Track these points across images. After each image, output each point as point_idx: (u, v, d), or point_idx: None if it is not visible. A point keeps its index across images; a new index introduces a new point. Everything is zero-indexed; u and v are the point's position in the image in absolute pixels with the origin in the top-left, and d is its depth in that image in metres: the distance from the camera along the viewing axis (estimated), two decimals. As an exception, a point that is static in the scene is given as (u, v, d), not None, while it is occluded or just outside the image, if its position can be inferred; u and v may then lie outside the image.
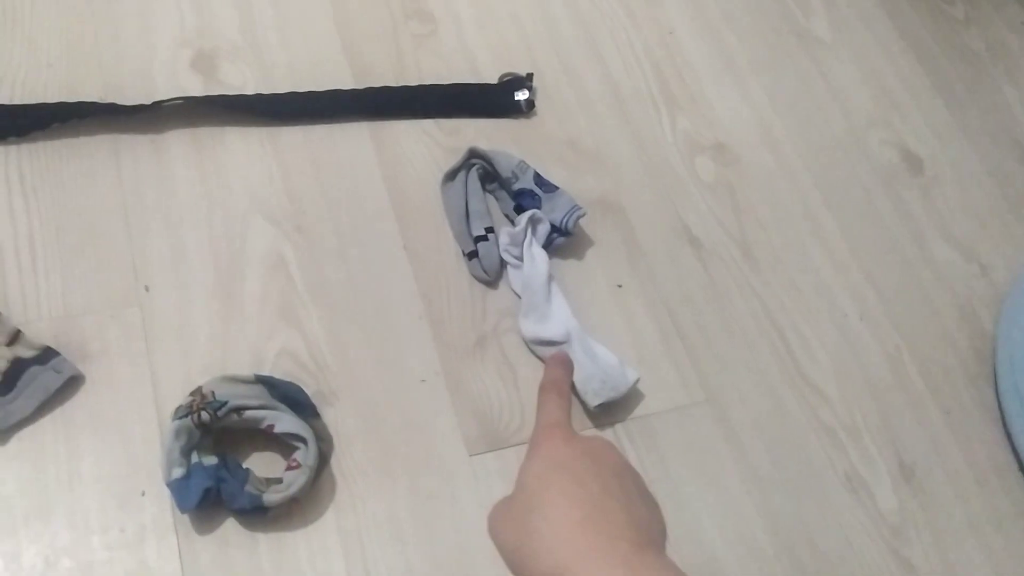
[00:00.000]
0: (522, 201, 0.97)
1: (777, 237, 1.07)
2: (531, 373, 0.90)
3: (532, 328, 0.91)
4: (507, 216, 0.99)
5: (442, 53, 1.10)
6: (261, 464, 0.79)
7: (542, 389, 0.58)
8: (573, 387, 0.87)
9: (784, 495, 0.90)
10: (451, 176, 0.98)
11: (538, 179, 0.98)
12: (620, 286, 0.98)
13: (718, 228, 1.06)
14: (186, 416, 0.74)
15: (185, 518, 0.76)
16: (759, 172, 1.12)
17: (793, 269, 1.05)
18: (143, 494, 0.76)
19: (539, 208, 0.96)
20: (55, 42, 0.98)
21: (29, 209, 0.88)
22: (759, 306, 1.01)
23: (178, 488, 0.73)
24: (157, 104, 0.95)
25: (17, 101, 0.93)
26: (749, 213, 1.08)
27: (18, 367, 0.78)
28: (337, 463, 0.81)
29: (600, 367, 0.88)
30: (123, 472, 0.77)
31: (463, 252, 0.95)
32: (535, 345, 0.91)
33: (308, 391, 0.81)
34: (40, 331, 0.81)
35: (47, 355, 0.79)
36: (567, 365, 0.62)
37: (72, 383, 0.79)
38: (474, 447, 0.85)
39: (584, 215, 0.97)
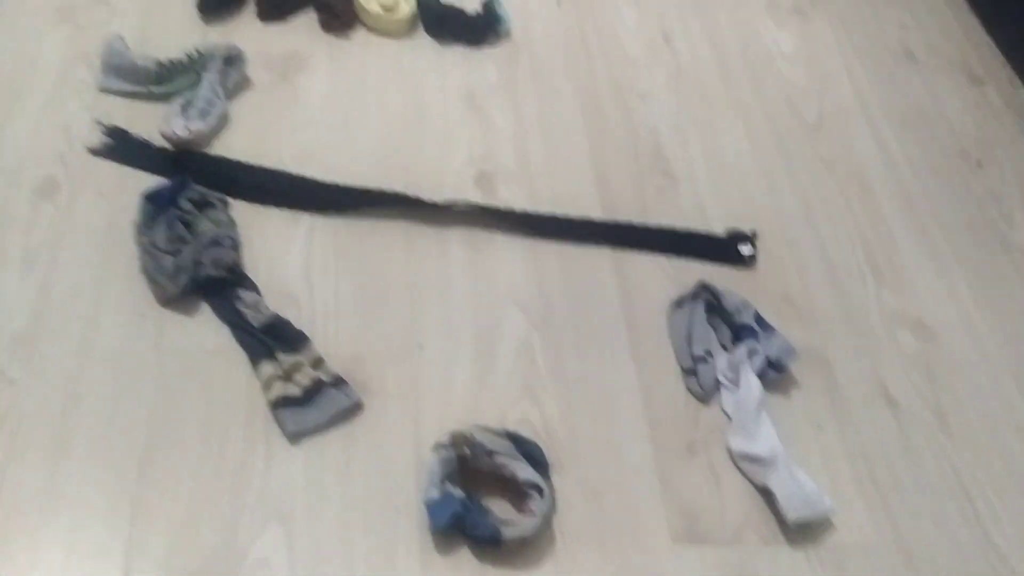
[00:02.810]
0: (741, 334, 1.09)
1: (972, 413, 1.13)
2: (735, 483, 0.99)
3: (741, 444, 1.00)
4: (724, 345, 1.11)
5: (678, 204, 1.27)
6: (495, 507, 0.90)
7: None
8: (774, 501, 0.95)
9: (967, 651, 0.92)
10: (680, 303, 1.12)
11: (758, 318, 1.10)
12: (820, 427, 1.07)
13: (915, 394, 1.13)
14: (450, 448, 0.88)
15: (429, 538, 0.87)
16: (957, 353, 1.19)
17: (986, 444, 1.10)
18: (398, 511, 0.89)
19: (757, 342, 1.07)
20: (374, 147, 1.21)
21: (338, 268, 1.07)
22: (950, 470, 1.07)
23: (433, 507, 0.85)
24: (448, 205, 1.15)
25: (339, 182, 1.16)
26: (946, 387, 1.15)
27: (318, 386, 0.94)
28: (558, 522, 0.91)
29: (800, 488, 0.96)
30: (385, 488, 0.90)
31: (682, 368, 1.07)
32: (742, 461, 1.00)
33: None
34: (335, 363, 0.98)
35: (340, 382, 0.95)
36: None
37: (355, 409, 0.95)
38: (678, 537, 0.93)
39: (797, 356, 1.07)
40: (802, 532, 0.96)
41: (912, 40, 1.61)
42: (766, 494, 0.98)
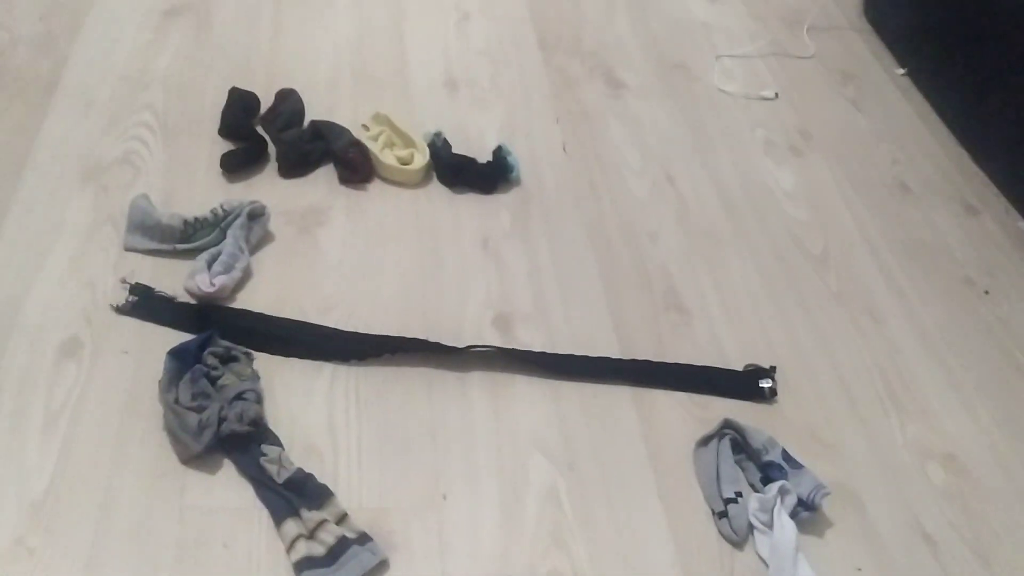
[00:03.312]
0: (770, 473, 1.07)
1: (1011, 548, 1.10)
2: (777, 634, 0.95)
3: (779, 591, 0.97)
4: (752, 485, 1.09)
5: (695, 340, 1.27)
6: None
7: None
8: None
9: None
10: (704, 442, 1.11)
11: (786, 455, 1.09)
12: (859, 569, 1.04)
13: (951, 531, 1.11)
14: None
15: None
16: (990, 486, 1.17)
17: (1031, 581, 1.07)
18: (429, 677, 0.85)
19: (787, 481, 1.06)
20: (392, 294, 1.23)
21: (360, 418, 1.06)
22: (999, 612, 1.03)
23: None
24: (468, 348, 1.15)
25: (360, 330, 1.16)
26: (981, 520, 1.12)
27: (343, 544, 0.91)
28: None
29: (847, 638, 0.92)
30: (414, 653, 0.86)
31: (713, 511, 1.05)
32: (782, 608, 0.96)
33: (580, 609, 0.89)
34: (359, 517, 0.96)
35: (364, 538, 0.93)
36: None
37: (380, 566, 0.92)
38: None
39: (829, 494, 1.05)
40: None
41: (905, 174, 1.67)
42: (810, 645, 0.95)
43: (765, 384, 1.22)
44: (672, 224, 1.45)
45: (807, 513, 1.04)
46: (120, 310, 1.10)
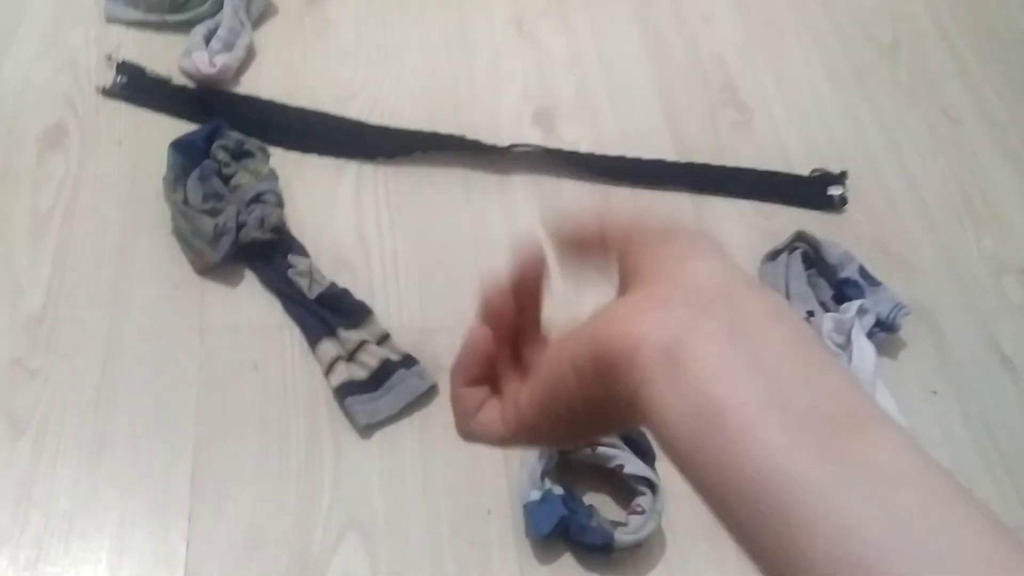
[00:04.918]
0: (846, 290, 0.97)
1: (1088, 371, 1.04)
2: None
3: (856, 417, 0.89)
4: (822, 303, 0.99)
5: (756, 142, 1.14)
6: (600, 505, 0.79)
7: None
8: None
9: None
10: (773, 256, 1.00)
11: (863, 272, 0.98)
12: (935, 392, 0.97)
13: (1028, 352, 1.03)
14: (551, 440, 0.76)
15: (526, 543, 0.77)
16: (1066, 302, 1.09)
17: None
18: (489, 512, 0.78)
19: (863, 298, 0.96)
20: (419, 82, 1.06)
21: (394, 226, 0.93)
22: (1074, 437, 0.97)
23: (535, 512, 0.74)
24: (509, 148, 1.01)
25: (386, 123, 1.01)
26: (1058, 341, 1.05)
27: (387, 368, 0.81)
28: (666, 519, 0.81)
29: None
30: (471, 487, 0.79)
31: (782, 332, 0.96)
32: (857, 435, 0.89)
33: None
34: (402, 338, 0.85)
35: (409, 361, 0.83)
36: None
37: (430, 391, 0.82)
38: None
39: (909, 313, 0.96)
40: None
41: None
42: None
43: (835, 191, 1.09)
44: (728, 6, 1.27)
45: (884, 334, 0.96)
46: (108, 92, 0.93)
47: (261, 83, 1.00)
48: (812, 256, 1.00)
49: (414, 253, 0.92)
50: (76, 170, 0.88)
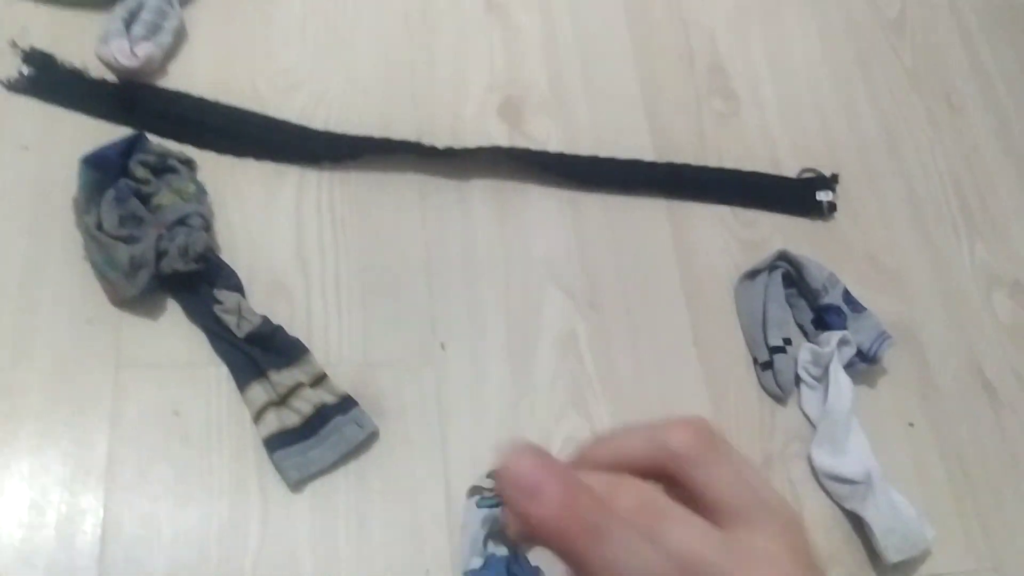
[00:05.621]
0: (827, 317, 0.91)
1: (1077, 398, 0.98)
2: (818, 507, 0.84)
3: (827, 461, 0.84)
4: (801, 327, 0.93)
5: (743, 136, 1.05)
6: (549, 561, 0.74)
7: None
8: (867, 531, 0.81)
9: None
10: (751, 275, 0.93)
11: (847, 297, 0.92)
12: (912, 425, 0.91)
13: (1013, 378, 0.98)
14: (496, 505, 0.70)
15: (467, 606, 0.72)
16: (1060, 320, 1.03)
17: (1095, 439, 0.96)
18: (427, 573, 0.73)
19: (845, 327, 0.89)
20: (373, 69, 0.96)
21: (338, 244, 0.85)
22: (1056, 474, 0.93)
23: (476, 580, 0.69)
24: (467, 151, 0.92)
25: (333, 123, 0.91)
26: (1047, 366, 0.99)
27: (323, 414, 0.75)
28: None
29: (901, 520, 0.81)
30: (409, 544, 0.74)
31: (756, 360, 0.89)
32: (828, 480, 0.84)
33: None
34: (342, 374, 0.78)
35: (348, 404, 0.76)
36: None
37: (369, 438, 0.76)
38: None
39: (892, 344, 0.90)
40: (899, 566, 0.82)
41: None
42: (855, 518, 0.84)
43: (824, 197, 1.01)
44: (720, -28, 1.16)
45: (865, 365, 0.89)
46: (12, 87, 0.83)
47: (192, 71, 0.90)
48: (794, 276, 0.93)
49: (359, 276, 0.84)
50: (-25, 182, 0.79)
